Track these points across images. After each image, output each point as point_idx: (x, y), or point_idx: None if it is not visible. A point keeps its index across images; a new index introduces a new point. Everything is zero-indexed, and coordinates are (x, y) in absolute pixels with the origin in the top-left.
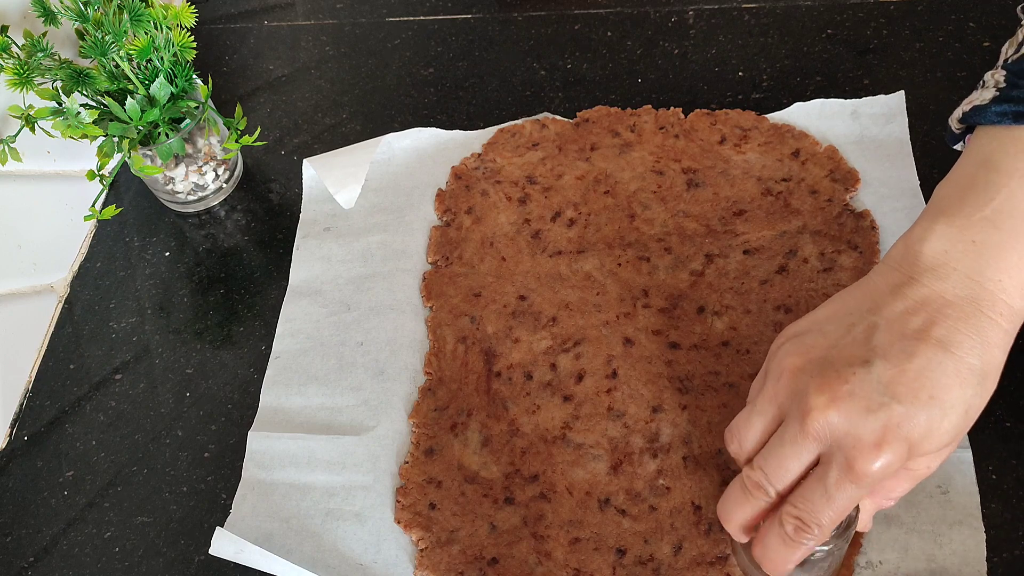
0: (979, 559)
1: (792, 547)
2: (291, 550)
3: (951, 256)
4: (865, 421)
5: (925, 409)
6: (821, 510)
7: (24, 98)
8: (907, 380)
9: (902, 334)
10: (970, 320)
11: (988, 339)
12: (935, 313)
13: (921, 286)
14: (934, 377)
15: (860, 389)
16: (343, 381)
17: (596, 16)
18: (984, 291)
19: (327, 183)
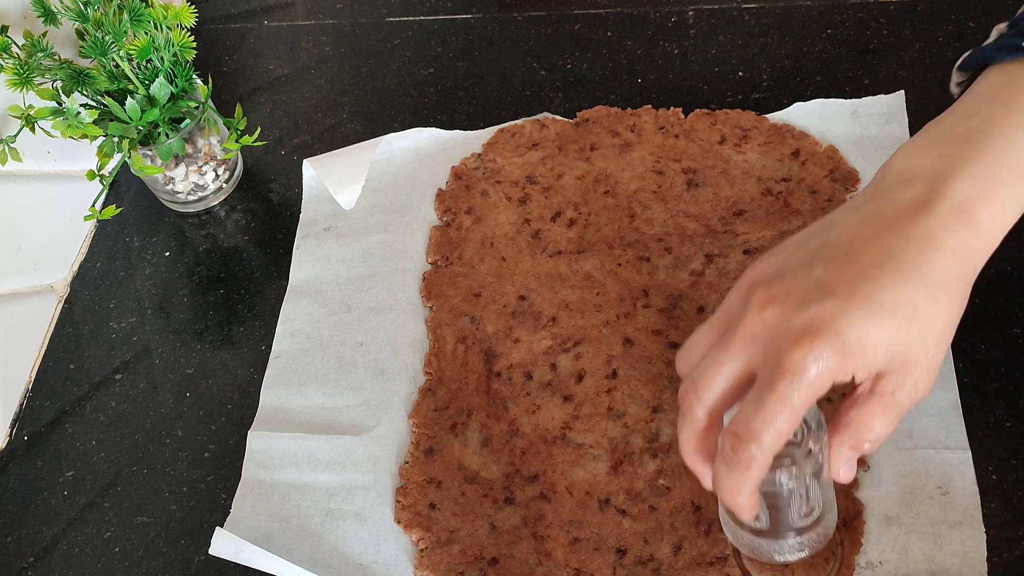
0: (979, 560)
1: (733, 467)
2: (291, 550)
3: (916, 168)
4: (795, 314)
5: (861, 307)
6: (753, 419)
7: (24, 98)
8: (844, 279)
9: (849, 242)
10: (921, 226)
11: (942, 247)
12: (887, 223)
13: (881, 199)
14: (874, 277)
15: (796, 288)
16: (343, 381)
17: (596, 16)
18: (943, 199)
19: (327, 183)
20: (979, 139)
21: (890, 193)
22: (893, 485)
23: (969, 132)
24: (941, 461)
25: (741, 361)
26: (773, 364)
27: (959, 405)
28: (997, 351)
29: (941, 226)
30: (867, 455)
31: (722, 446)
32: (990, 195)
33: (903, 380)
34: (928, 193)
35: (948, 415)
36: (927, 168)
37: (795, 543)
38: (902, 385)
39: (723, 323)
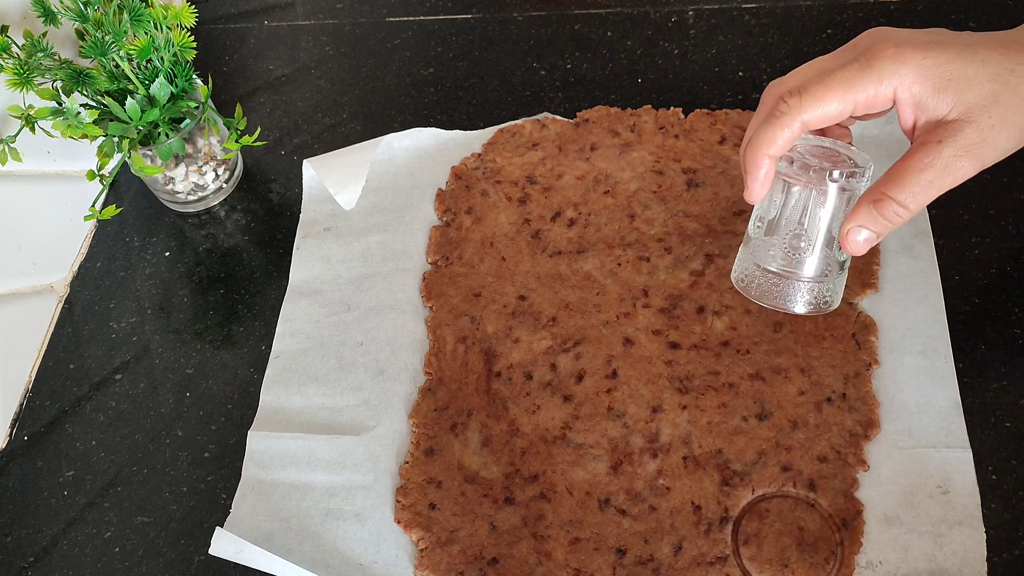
0: (979, 559)
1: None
2: (291, 550)
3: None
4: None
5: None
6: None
7: (24, 98)
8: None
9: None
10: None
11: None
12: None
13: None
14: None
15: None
16: (343, 381)
17: (596, 16)
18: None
19: (327, 183)
20: None
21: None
22: (893, 485)
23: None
24: (941, 460)
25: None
26: (859, 54)
27: (960, 404)
28: (997, 351)
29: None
30: (866, 457)
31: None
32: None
33: (955, 133)
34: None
35: (948, 414)
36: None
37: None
38: (951, 138)
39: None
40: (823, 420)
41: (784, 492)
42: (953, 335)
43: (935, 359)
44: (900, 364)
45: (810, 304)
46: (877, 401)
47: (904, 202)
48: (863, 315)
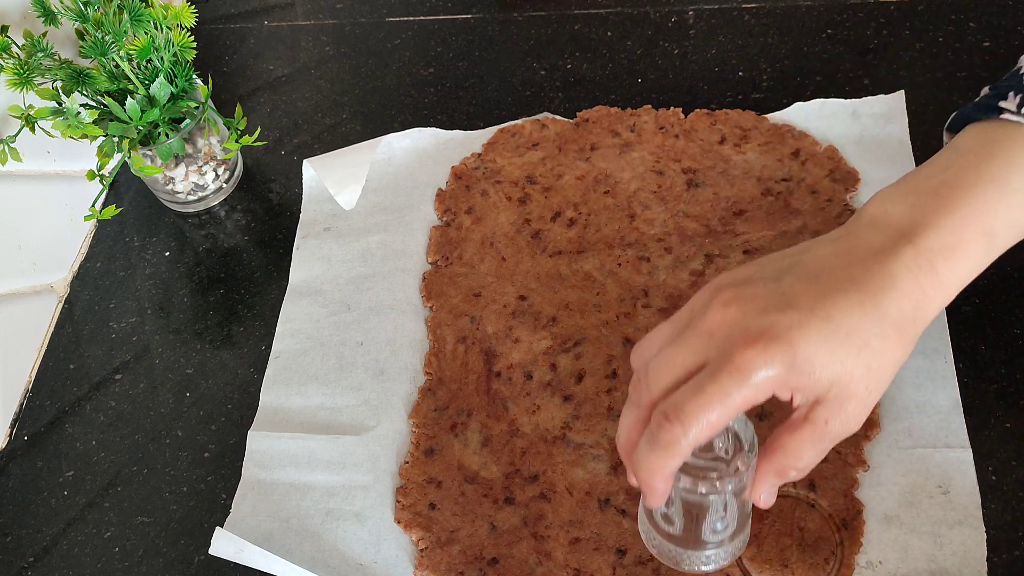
0: (979, 559)
1: (655, 447)
2: (291, 550)
3: (889, 215)
4: (756, 317)
5: (818, 325)
6: (687, 403)
7: (24, 98)
8: (809, 294)
9: (819, 265)
10: (886, 266)
11: (901, 288)
12: (856, 257)
13: (854, 237)
14: (835, 300)
15: (762, 293)
16: (343, 381)
17: (596, 16)
18: (909, 246)
19: (327, 183)
20: (949, 194)
21: (863, 234)
22: (893, 485)
23: (941, 185)
24: (941, 460)
25: (696, 354)
26: (723, 358)
27: (960, 404)
28: (997, 351)
29: (904, 269)
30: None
31: (650, 425)
32: (952, 248)
33: (838, 410)
34: (896, 239)
35: (948, 414)
36: (898, 216)
37: (703, 556)
38: (836, 415)
39: (684, 321)
40: None
41: (784, 492)
42: (953, 335)
43: (935, 359)
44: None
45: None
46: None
47: (804, 469)
48: None
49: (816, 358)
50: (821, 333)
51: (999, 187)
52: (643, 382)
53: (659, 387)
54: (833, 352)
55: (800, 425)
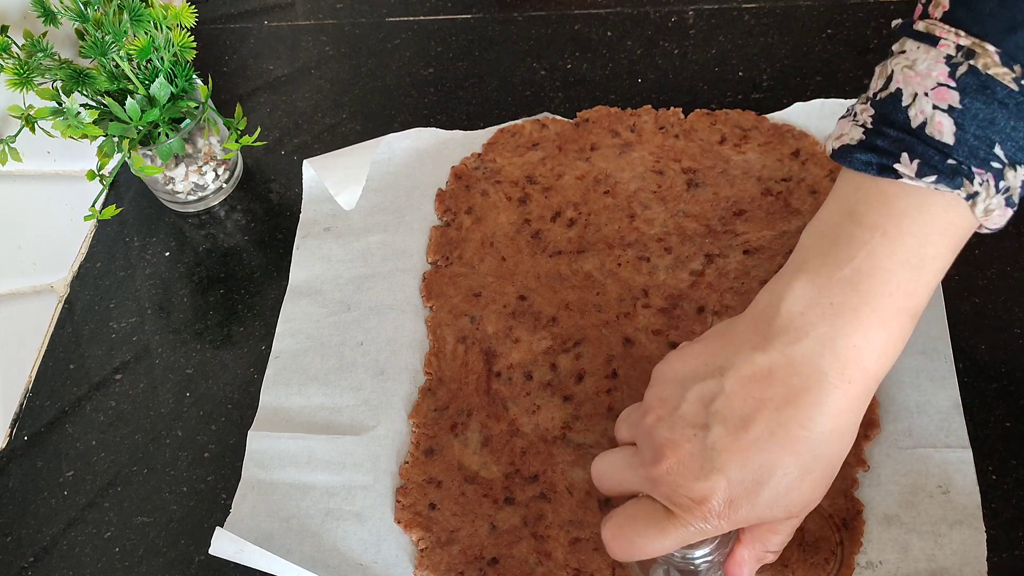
0: (979, 559)
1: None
2: (291, 550)
3: (807, 319)
4: (693, 483)
5: (753, 477)
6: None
7: (24, 98)
8: (738, 450)
9: (743, 402)
10: (815, 390)
11: (832, 407)
12: (779, 383)
13: (772, 351)
14: (765, 447)
15: (695, 451)
16: (343, 381)
17: (596, 16)
18: (836, 359)
19: (327, 184)
20: (865, 287)
21: (783, 346)
22: (893, 484)
23: (854, 276)
24: (941, 460)
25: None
26: (671, 507)
27: (960, 404)
28: (997, 351)
29: (837, 393)
30: (866, 457)
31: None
32: (879, 344)
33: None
34: (821, 352)
35: (949, 414)
36: (816, 320)
37: None
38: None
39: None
40: None
41: None
42: (953, 335)
43: (935, 359)
44: (900, 365)
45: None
46: (877, 401)
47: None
48: None
49: (760, 507)
50: (757, 485)
51: (914, 270)
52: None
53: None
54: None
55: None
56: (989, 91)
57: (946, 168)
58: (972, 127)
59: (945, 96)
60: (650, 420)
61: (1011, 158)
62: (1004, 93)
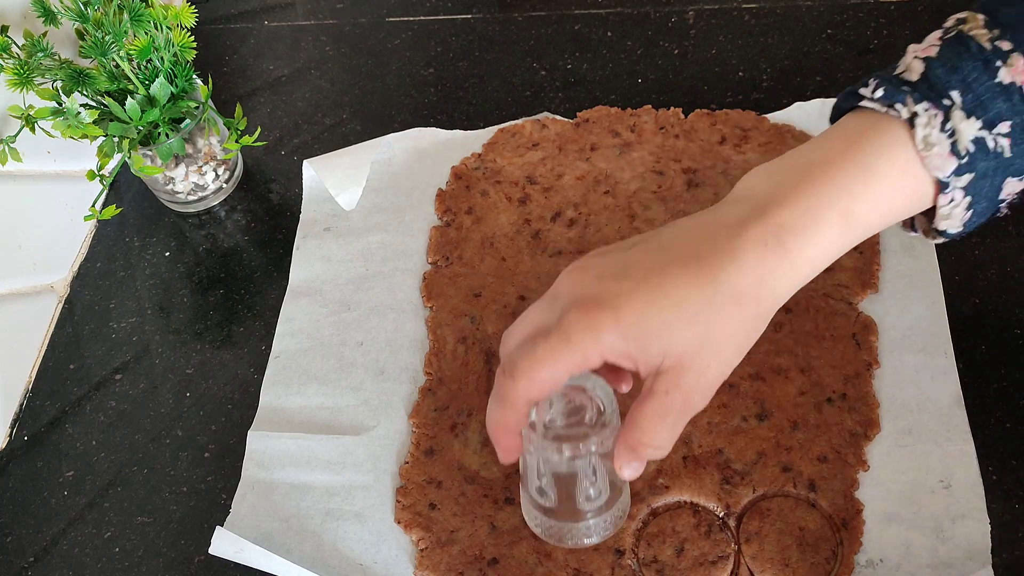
0: (984, 551)
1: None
2: (291, 550)
3: (754, 189)
4: (591, 284)
5: (647, 293)
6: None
7: (24, 98)
8: (647, 265)
9: (670, 238)
10: (732, 240)
11: (743, 263)
12: (708, 231)
13: (716, 212)
14: (671, 272)
15: (606, 263)
16: (343, 381)
17: (596, 16)
18: (760, 221)
19: (328, 185)
20: (813, 173)
21: (724, 208)
22: (894, 483)
23: (807, 164)
24: (943, 455)
25: (542, 315)
26: (557, 322)
27: (961, 398)
28: (997, 351)
29: (750, 244)
30: (866, 455)
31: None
32: (806, 226)
33: (676, 381)
34: (750, 214)
35: (950, 410)
36: (759, 191)
37: (583, 528)
38: (675, 386)
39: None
40: (823, 420)
41: (784, 492)
42: (953, 335)
43: (935, 356)
44: (900, 364)
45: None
46: (877, 401)
47: (657, 446)
48: (863, 315)
49: (643, 326)
50: (648, 302)
51: (863, 170)
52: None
53: (508, 348)
54: (661, 321)
55: (645, 396)
56: (964, 45)
57: (897, 93)
58: (937, 70)
59: (928, 51)
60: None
61: (966, 105)
62: (976, 48)
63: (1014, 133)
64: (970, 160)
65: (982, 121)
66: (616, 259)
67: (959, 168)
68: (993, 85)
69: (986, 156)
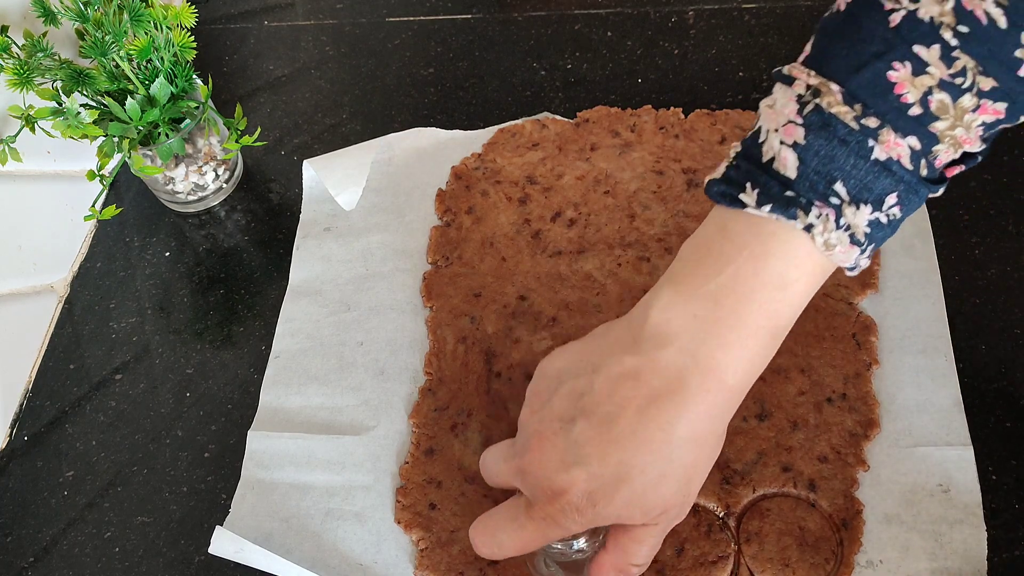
0: (980, 558)
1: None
2: (291, 550)
3: (672, 328)
4: (555, 474)
5: (611, 476)
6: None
7: (24, 98)
8: (599, 443)
9: (609, 400)
10: (676, 395)
11: (691, 412)
12: (643, 384)
13: (640, 354)
14: (625, 445)
15: (560, 443)
16: (343, 381)
17: (596, 16)
18: (697, 367)
19: (327, 184)
20: (729, 303)
21: (649, 351)
22: (893, 484)
23: (719, 291)
24: (942, 458)
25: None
26: (534, 502)
27: (960, 402)
28: (997, 351)
29: (695, 399)
30: (866, 457)
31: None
32: (738, 359)
33: (659, 519)
34: (684, 360)
35: (949, 412)
36: (680, 330)
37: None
38: (661, 527)
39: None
40: (823, 420)
41: (785, 492)
42: (953, 335)
43: (935, 357)
44: (900, 364)
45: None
46: (877, 401)
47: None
48: (863, 315)
49: (616, 503)
50: (617, 480)
51: (779, 288)
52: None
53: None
54: (631, 492)
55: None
56: (831, 128)
57: (783, 199)
58: (813, 162)
59: (792, 132)
60: (525, 413)
61: (853, 196)
62: (844, 131)
63: (901, 200)
64: (869, 240)
65: (871, 205)
66: (566, 434)
67: (862, 251)
68: (871, 166)
69: (882, 229)
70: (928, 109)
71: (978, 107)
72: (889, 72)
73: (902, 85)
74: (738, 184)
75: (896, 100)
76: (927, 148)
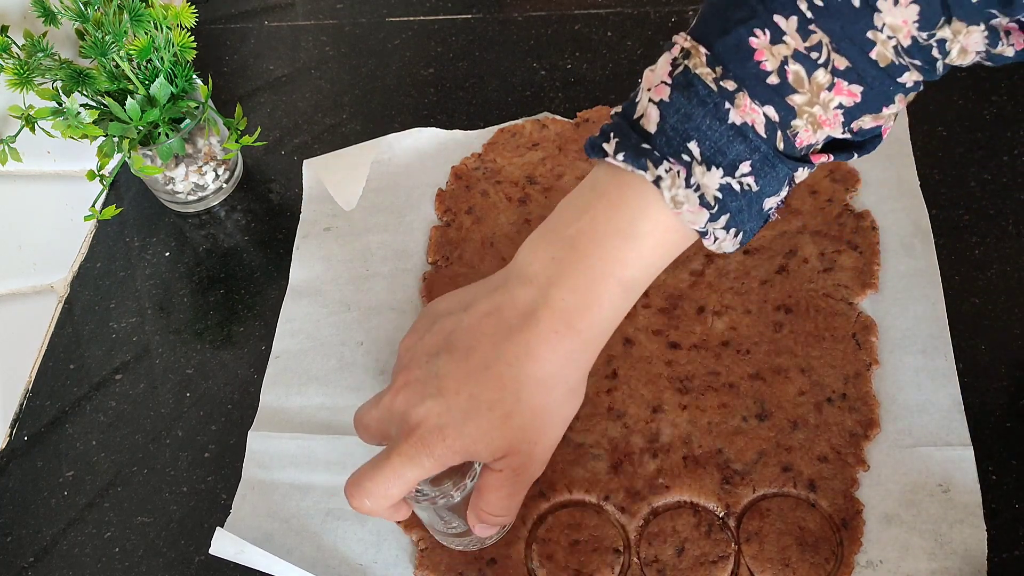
0: (980, 558)
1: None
2: (291, 550)
3: (533, 268)
4: (413, 408)
5: (464, 407)
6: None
7: (24, 98)
8: (456, 376)
9: (470, 336)
10: (526, 331)
11: (540, 356)
12: (503, 321)
13: (505, 291)
14: (477, 378)
15: (421, 376)
16: (343, 381)
17: (596, 16)
18: (547, 307)
19: (327, 184)
20: (583, 246)
21: (513, 289)
22: (893, 484)
23: (577, 235)
24: (942, 458)
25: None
26: (394, 442)
27: (960, 402)
28: (997, 351)
29: (543, 337)
30: (866, 457)
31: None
32: (589, 305)
33: (509, 463)
34: (537, 297)
35: (949, 412)
36: (541, 270)
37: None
38: (508, 466)
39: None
40: (823, 420)
41: (785, 492)
42: (953, 335)
43: (935, 357)
44: (900, 364)
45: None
46: (877, 401)
47: (500, 515)
48: (863, 315)
49: (465, 439)
50: (465, 416)
51: (628, 238)
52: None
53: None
54: (479, 428)
55: (486, 471)
56: (693, 88)
57: (638, 150)
58: (672, 119)
59: (661, 92)
60: (400, 349)
61: (705, 156)
62: (705, 92)
63: (755, 170)
64: (720, 206)
65: (723, 169)
66: (428, 372)
67: (712, 216)
68: (726, 129)
69: (735, 198)
70: (785, 79)
71: (832, 85)
72: (751, 38)
73: (761, 52)
74: (605, 135)
75: (755, 67)
76: (785, 121)
